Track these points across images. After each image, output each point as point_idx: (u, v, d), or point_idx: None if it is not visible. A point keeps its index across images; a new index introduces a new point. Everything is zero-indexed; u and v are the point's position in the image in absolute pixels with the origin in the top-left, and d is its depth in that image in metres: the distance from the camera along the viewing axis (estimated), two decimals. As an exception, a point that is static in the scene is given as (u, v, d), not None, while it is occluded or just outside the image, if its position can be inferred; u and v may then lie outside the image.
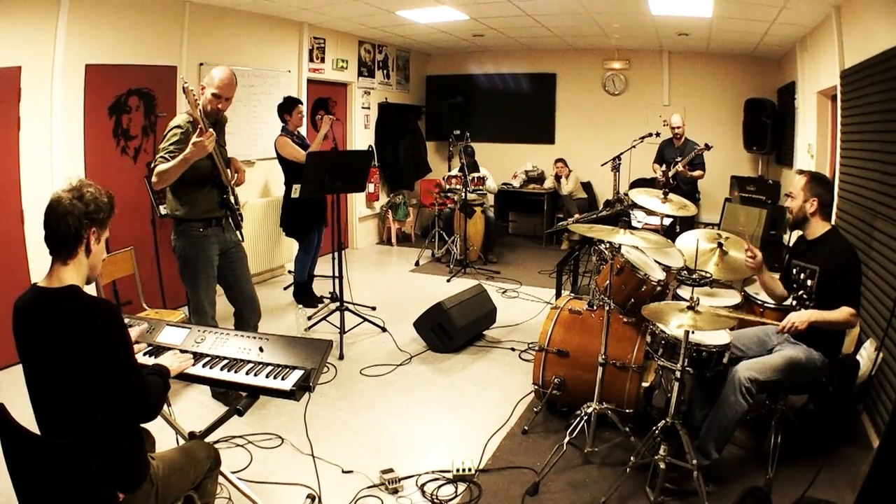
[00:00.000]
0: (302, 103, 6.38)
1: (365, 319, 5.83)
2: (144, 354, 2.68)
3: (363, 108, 9.46)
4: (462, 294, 5.60)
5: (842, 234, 3.49)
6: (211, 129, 3.66)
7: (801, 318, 3.20)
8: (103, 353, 2.01)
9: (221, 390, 4.19)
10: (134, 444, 2.18)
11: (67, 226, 2.06)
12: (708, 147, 7.00)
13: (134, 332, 2.69)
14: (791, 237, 6.28)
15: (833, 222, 4.60)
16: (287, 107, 6.27)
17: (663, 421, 3.25)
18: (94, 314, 2.02)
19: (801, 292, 3.46)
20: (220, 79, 3.83)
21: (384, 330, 5.80)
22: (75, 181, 2.13)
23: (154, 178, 3.72)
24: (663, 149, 7.73)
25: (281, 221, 6.51)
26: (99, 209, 2.13)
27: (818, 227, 3.39)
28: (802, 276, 3.44)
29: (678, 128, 7.53)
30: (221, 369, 2.60)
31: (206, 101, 3.81)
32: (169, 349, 2.72)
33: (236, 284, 4.27)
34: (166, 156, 3.69)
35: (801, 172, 3.52)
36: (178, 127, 3.78)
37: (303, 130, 6.66)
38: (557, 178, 9.69)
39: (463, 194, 8.09)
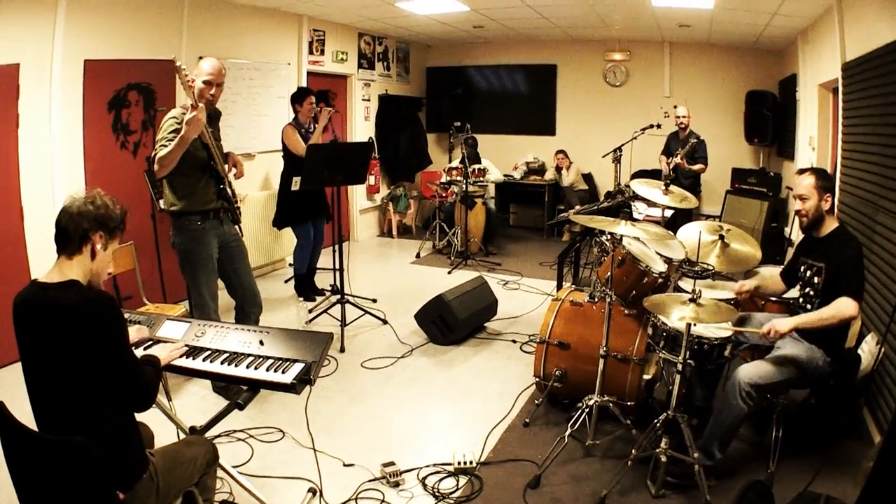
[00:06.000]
0: (313, 94, 6.27)
1: (366, 312, 5.82)
2: (144, 349, 2.68)
3: (363, 100, 9.43)
4: (463, 286, 5.60)
5: (849, 231, 3.45)
6: (202, 105, 3.69)
7: (784, 324, 3.18)
8: (100, 345, 2.01)
9: (222, 384, 4.20)
10: (131, 440, 2.18)
11: (76, 225, 2.12)
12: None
13: (133, 332, 2.69)
14: (793, 230, 6.27)
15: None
16: (298, 97, 6.21)
17: (665, 414, 3.25)
18: (91, 306, 2.03)
19: (807, 289, 3.42)
20: (209, 66, 3.93)
21: (385, 322, 5.79)
22: (92, 192, 2.21)
23: (156, 166, 3.74)
24: (670, 141, 7.68)
25: (275, 215, 6.39)
26: (109, 216, 2.19)
27: (828, 224, 3.36)
28: (809, 273, 3.41)
29: (682, 118, 7.45)
30: (222, 363, 2.59)
31: (199, 90, 3.84)
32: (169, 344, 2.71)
33: (237, 278, 4.27)
34: (165, 143, 3.71)
35: (802, 172, 3.46)
36: (174, 118, 3.81)
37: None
38: (558, 169, 9.67)
39: (464, 186, 8.08)
